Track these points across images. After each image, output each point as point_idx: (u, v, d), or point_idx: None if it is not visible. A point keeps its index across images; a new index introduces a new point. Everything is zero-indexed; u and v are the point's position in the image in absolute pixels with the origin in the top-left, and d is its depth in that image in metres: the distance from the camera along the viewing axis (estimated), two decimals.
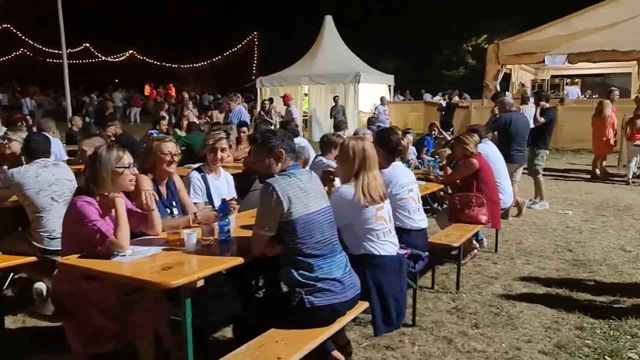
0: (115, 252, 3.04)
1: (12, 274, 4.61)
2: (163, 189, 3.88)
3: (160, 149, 3.78)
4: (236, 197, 4.54)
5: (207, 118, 13.67)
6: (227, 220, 3.35)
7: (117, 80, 40.70)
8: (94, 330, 3.09)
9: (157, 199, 3.57)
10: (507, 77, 20.76)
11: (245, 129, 8.42)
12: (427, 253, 4.29)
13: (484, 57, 19.79)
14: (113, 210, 3.22)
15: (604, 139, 11.47)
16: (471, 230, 5.39)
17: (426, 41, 35.06)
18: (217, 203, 4.21)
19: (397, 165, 4.26)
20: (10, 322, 4.32)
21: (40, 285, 4.43)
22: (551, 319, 4.52)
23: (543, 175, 9.00)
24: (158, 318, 3.28)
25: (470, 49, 35.34)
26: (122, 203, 3.21)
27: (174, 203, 3.91)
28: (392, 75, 21.76)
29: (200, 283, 2.77)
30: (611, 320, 4.45)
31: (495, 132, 8.24)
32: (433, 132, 9.72)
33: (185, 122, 10.12)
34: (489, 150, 6.46)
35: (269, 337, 2.88)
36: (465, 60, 35.55)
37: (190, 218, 3.47)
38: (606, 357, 3.88)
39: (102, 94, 30.03)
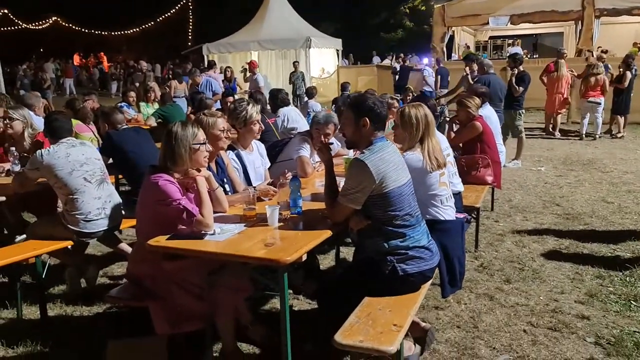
0: (203, 231, 2.99)
1: (48, 261, 4.42)
2: (213, 166, 3.80)
3: (215, 126, 3.69)
4: (270, 165, 4.57)
5: (166, 88, 13.23)
6: (299, 193, 3.40)
7: (41, 50, 38.46)
8: (180, 310, 3.05)
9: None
10: (450, 39, 21.13)
11: (231, 98, 8.23)
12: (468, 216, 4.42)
13: (422, 20, 20.06)
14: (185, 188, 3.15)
15: (560, 96, 12.00)
16: (482, 191, 5.57)
17: (362, 4, 35.03)
18: (254, 179, 4.25)
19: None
20: (68, 310, 4.17)
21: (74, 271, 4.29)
22: (571, 270, 4.79)
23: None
24: (238, 296, 3.26)
25: (408, 11, 35.64)
26: (203, 181, 3.15)
27: (224, 180, 3.85)
28: (339, 39, 21.69)
29: (304, 257, 2.79)
30: (624, 270, 4.76)
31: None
32: (408, 97, 9.85)
33: (152, 95, 9.79)
34: (489, 115, 6.64)
35: (369, 305, 2.92)
36: (402, 22, 35.84)
37: (251, 193, 3.43)
38: (631, 302, 4.17)
39: (36, 65, 28.37)
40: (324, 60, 21.44)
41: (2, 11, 38.24)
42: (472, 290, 4.41)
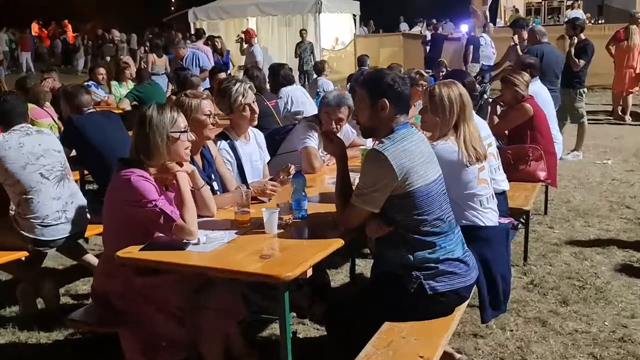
0: (185, 240, 3.00)
1: None
2: (198, 159, 3.81)
3: (199, 109, 3.70)
4: (269, 159, 4.60)
5: (143, 63, 13.29)
6: (303, 193, 3.42)
7: None
8: (157, 337, 3.06)
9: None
10: (495, 1, 21.04)
11: (223, 74, 8.26)
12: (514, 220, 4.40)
13: None
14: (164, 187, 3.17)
15: (632, 72, 11.89)
16: (534, 190, 5.54)
17: None
18: (250, 175, 4.25)
19: None
20: (22, 336, 4.21)
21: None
22: None
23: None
24: (229, 320, 3.27)
25: None
26: (185, 178, 3.16)
27: (212, 176, 3.86)
28: (357, 1, 21.68)
29: (309, 273, 2.80)
30: None
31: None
32: (441, 73, 9.82)
33: (127, 72, 9.85)
34: (539, 91, 6.59)
35: (390, 332, 2.92)
36: None
37: (244, 192, 3.43)
38: None
39: None
40: (337, 28, 21.42)
41: None
42: (520, 313, 4.39)
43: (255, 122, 4.31)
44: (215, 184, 3.86)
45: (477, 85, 7.85)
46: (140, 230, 3.03)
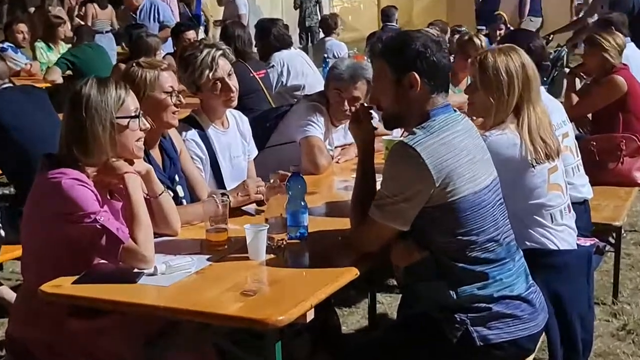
0: (136, 269, 3.02)
1: None
2: (156, 155, 3.83)
3: (157, 84, 3.71)
4: (256, 154, 4.66)
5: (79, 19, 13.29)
6: (302, 203, 3.43)
7: None
8: None
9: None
10: None
11: (192, 33, 8.29)
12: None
13: None
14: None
15: None
16: (628, 198, 5.52)
17: None
18: (228, 176, 4.29)
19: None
20: None
21: None
22: None
23: None
24: None
25: None
26: (137, 182, 3.17)
27: (176, 178, 3.88)
28: None
29: (311, 315, 2.79)
30: None
31: None
32: (498, 33, 9.83)
33: (61, 30, 9.87)
34: (630, 52, 6.57)
35: None
36: None
37: (218, 201, 3.44)
38: None
39: None
40: None
41: None
42: None
43: (234, 103, 4.31)
44: (179, 189, 3.88)
45: (548, 51, 7.87)
46: (73, 255, 3.03)
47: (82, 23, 10.99)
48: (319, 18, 14.54)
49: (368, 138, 3.32)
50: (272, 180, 3.67)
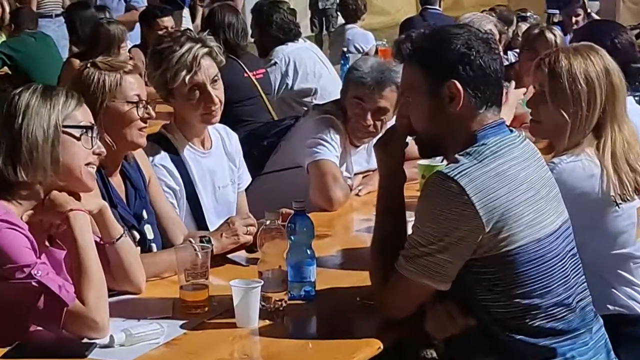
0: (86, 338, 3.01)
1: None
2: (118, 184, 3.85)
3: (119, 91, 3.73)
4: (249, 182, 4.66)
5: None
6: (309, 252, 3.43)
7: None
8: None
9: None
10: None
11: (169, 20, 8.36)
12: None
13: None
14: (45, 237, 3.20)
15: None
16: None
17: None
18: (213, 212, 4.32)
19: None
20: None
21: None
22: None
23: None
24: None
25: None
26: (84, 222, 3.15)
27: (144, 214, 3.89)
28: None
29: None
30: None
31: None
32: (575, 21, 9.84)
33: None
34: None
35: None
36: None
37: (197, 248, 3.44)
38: None
39: None
40: None
41: None
42: None
43: (216, 119, 4.32)
44: (147, 230, 3.90)
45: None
46: (3, 320, 3.02)
47: (21, 5, 10.96)
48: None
49: (394, 163, 3.30)
50: (268, 221, 3.61)
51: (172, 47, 4.21)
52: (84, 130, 3.18)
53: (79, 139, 3.16)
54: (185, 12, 12.87)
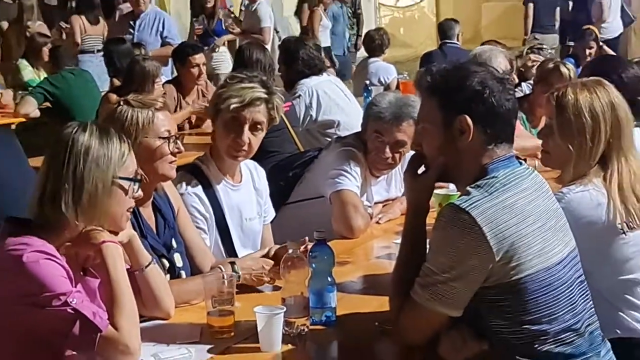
0: None
1: None
2: (148, 215, 3.86)
3: (152, 129, 3.75)
4: (273, 217, 4.66)
5: (62, 32, 13.46)
6: (329, 279, 3.44)
7: None
8: None
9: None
10: None
11: (201, 57, 8.43)
12: None
13: None
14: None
15: None
16: None
17: None
18: (240, 243, 4.34)
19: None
20: None
21: None
22: None
23: None
24: None
25: None
26: (117, 253, 3.15)
27: (173, 243, 3.90)
28: None
29: None
30: None
31: None
32: (588, 52, 9.80)
33: (47, 49, 10.00)
34: None
35: None
36: None
37: (225, 276, 3.45)
38: None
39: None
40: None
41: None
42: None
43: (240, 158, 4.36)
44: (177, 258, 3.90)
45: None
46: (40, 346, 3.03)
47: (58, 44, 10.98)
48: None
49: (424, 196, 3.28)
50: (290, 250, 3.63)
51: (243, 79, 4.27)
52: (134, 179, 3.21)
53: (126, 190, 3.19)
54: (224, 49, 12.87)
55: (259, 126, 4.23)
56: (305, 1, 15.74)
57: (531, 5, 16.09)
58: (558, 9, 16.30)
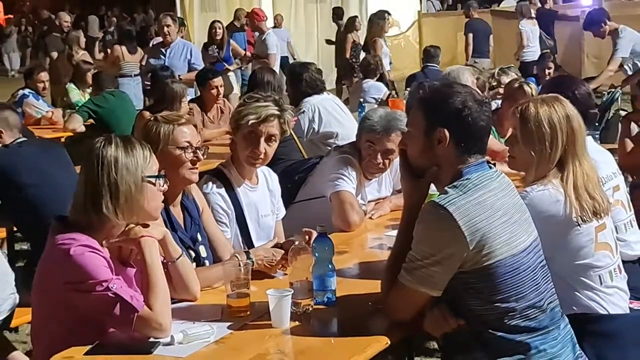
0: (152, 338, 3.03)
1: None
2: (177, 213, 3.87)
3: (173, 139, 3.77)
4: (284, 214, 4.67)
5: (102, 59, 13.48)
6: (330, 266, 3.45)
7: None
8: None
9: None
10: None
11: (219, 80, 8.44)
12: None
13: None
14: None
15: None
16: None
17: None
18: (256, 237, 4.35)
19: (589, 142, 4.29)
20: None
21: None
22: None
23: None
24: None
25: None
26: (153, 246, 3.19)
27: (198, 237, 3.92)
28: None
29: None
30: None
31: None
32: (547, 72, 9.81)
33: (89, 74, 10.07)
34: None
35: None
36: None
37: (241, 264, 3.45)
38: None
39: None
40: (393, 1, 21.48)
41: None
42: None
43: (257, 166, 4.35)
44: (202, 250, 3.92)
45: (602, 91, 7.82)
46: (85, 325, 3.05)
47: (100, 70, 11.02)
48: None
49: (420, 198, 3.27)
50: (297, 242, 3.64)
51: (259, 99, 4.28)
52: (159, 176, 3.23)
53: (154, 185, 3.21)
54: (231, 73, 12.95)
55: (273, 138, 4.23)
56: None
57: (471, 35, 16.70)
58: (491, 36, 16.97)
